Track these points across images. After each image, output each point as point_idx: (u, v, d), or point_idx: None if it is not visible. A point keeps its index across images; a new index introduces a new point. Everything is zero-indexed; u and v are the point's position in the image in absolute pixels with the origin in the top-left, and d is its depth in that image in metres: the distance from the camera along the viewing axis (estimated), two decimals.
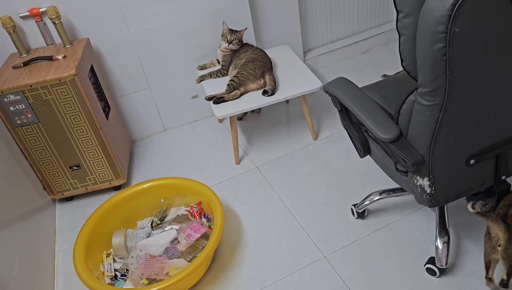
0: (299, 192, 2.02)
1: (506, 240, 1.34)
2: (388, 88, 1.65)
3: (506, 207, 1.40)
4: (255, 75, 2.09)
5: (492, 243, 1.39)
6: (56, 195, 2.13)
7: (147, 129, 2.54)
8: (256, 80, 2.10)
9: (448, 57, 1.05)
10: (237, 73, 2.11)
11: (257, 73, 2.09)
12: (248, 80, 2.09)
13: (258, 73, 2.10)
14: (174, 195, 1.94)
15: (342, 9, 2.77)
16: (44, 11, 1.97)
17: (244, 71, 2.10)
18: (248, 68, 2.10)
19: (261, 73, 2.11)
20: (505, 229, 1.33)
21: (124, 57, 2.26)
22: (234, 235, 1.87)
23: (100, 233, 1.82)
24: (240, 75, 2.09)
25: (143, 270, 1.62)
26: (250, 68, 2.11)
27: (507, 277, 1.42)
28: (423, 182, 1.31)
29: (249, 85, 2.10)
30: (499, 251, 1.36)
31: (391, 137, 1.28)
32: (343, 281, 1.62)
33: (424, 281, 1.56)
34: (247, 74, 2.09)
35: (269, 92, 2.05)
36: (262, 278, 1.68)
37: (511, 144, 1.32)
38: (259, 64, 2.13)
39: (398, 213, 1.83)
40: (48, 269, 1.82)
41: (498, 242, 1.36)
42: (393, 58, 2.87)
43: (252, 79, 2.09)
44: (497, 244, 1.37)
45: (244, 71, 2.10)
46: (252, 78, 2.09)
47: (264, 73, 2.12)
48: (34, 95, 1.81)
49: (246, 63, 2.14)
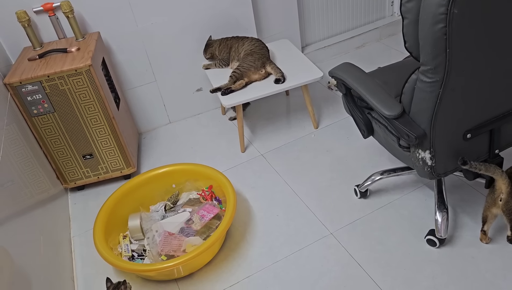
0: (304, 176, 2.12)
1: (508, 193, 1.47)
2: (389, 74, 1.78)
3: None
4: (256, 67, 2.20)
5: (494, 196, 1.52)
6: (69, 184, 2.20)
7: (153, 122, 2.63)
8: (257, 71, 2.21)
9: (448, 36, 1.16)
10: (239, 66, 2.22)
11: (257, 65, 2.20)
12: (249, 71, 2.19)
13: (258, 64, 2.20)
14: (185, 180, 2.03)
15: (337, 5, 2.90)
16: (58, 6, 2.06)
17: (245, 64, 2.21)
18: (248, 61, 2.21)
19: (261, 64, 2.21)
20: (508, 183, 1.47)
21: (132, 51, 2.35)
22: (244, 217, 1.97)
23: (116, 217, 1.90)
24: (241, 67, 2.20)
25: (162, 247, 1.70)
26: (250, 60, 2.21)
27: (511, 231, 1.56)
28: (425, 155, 1.42)
29: (251, 76, 2.21)
30: (500, 205, 1.50)
31: (395, 114, 1.39)
32: (349, 254, 1.72)
33: (425, 252, 1.68)
34: (247, 66, 2.19)
35: (282, 80, 2.17)
36: (273, 254, 1.78)
37: (504, 120, 1.45)
38: (258, 56, 2.23)
39: (398, 193, 1.94)
40: (66, 253, 1.89)
41: (500, 196, 1.50)
42: (387, 52, 3.01)
43: (253, 70, 2.20)
44: (498, 197, 1.51)
45: (245, 64, 2.21)
46: (253, 69, 2.20)
47: (264, 63, 2.23)
48: (51, 85, 1.89)
49: (246, 56, 2.24)
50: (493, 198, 1.54)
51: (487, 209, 1.59)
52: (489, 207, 1.58)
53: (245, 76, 2.20)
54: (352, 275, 1.64)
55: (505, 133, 1.50)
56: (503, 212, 1.52)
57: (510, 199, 1.48)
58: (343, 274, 1.65)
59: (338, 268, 1.68)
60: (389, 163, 2.10)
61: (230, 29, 2.47)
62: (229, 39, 2.37)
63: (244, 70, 2.19)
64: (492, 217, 1.60)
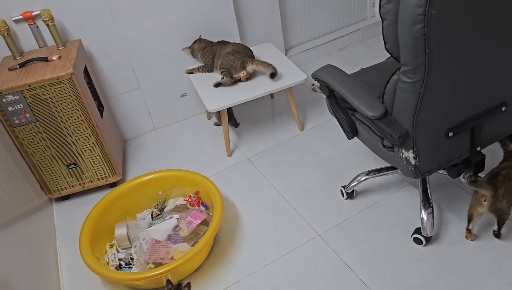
0: (290, 179, 2.13)
1: (493, 196, 1.52)
2: (372, 75, 1.79)
3: (501, 168, 1.58)
4: (235, 67, 2.19)
5: (477, 196, 1.57)
6: (53, 194, 2.17)
7: (138, 129, 2.61)
8: (237, 72, 2.20)
9: (426, 36, 1.18)
10: (221, 64, 2.22)
11: (237, 65, 2.19)
12: (231, 69, 2.19)
13: (238, 64, 2.19)
14: (172, 186, 2.02)
15: (319, 8, 2.92)
16: (38, 14, 2.03)
17: (225, 61, 2.20)
18: (228, 60, 2.20)
19: (241, 64, 2.20)
20: (491, 189, 1.51)
21: (114, 58, 2.33)
22: (231, 222, 1.96)
23: (102, 226, 1.88)
24: (223, 64, 2.20)
25: (150, 255, 1.69)
26: (230, 59, 2.20)
27: (498, 227, 1.59)
28: (408, 155, 1.44)
29: (236, 74, 2.21)
30: (485, 205, 1.54)
31: (378, 114, 1.40)
32: (337, 255, 1.73)
33: (412, 250, 1.69)
34: (228, 64, 2.19)
35: (275, 72, 2.18)
36: (262, 258, 1.78)
37: (484, 117, 1.47)
38: (238, 55, 2.22)
39: (384, 192, 1.96)
40: (52, 264, 1.86)
41: (484, 197, 1.53)
42: (369, 53, 3.04)
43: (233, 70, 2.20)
44: (482, 198, 1.55)
45: (225, 61, 2.21)
46: (233, 70, 2.19)
47: (244, 63, 2.20)
48: (33, 95, 1.86)
49: (227, 55, 2.24)
50: (477, 198, 1.57)
51: (472, 208, 1.61)
52: (474, 206, 1.60)
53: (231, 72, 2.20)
54: (341, 276, 1.65)
55: (486, 131, 1.53)
56: (490, 211, 1.55)
57: (495, 200, 1.51)
58: (332, 275, 1.66)
59: (327, 270, 1.68)
60: (375, 163, 2.12)
61: (214, 33, 2.47)
62: (214, 44, 2.36)
63: (227, 66, 2.19)
64: (477, 216, 1.62)
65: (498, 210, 1.54)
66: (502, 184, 1.53)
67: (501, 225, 1.60)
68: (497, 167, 1.61)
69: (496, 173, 1.57)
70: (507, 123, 1.56)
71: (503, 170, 1.57)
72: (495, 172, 1.58)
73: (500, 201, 1.52)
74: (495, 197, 1.51)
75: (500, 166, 1.61)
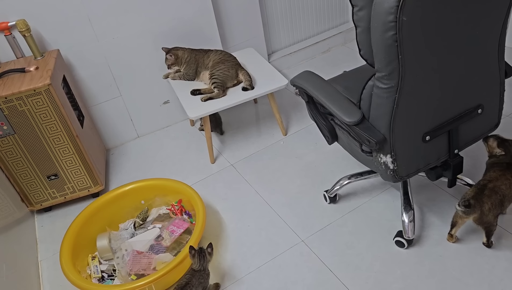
0: (274, 184, 2.12)
1: (479, 213, 1.51)
2: (350, 80, 1.80)
3: (487, 181, 1.56)
4: (231, 76, 2.21)
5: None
6: (35, 206, 2.14)
7: (121, 137, 2.59)
8: (232, 80, 2.21)
9: (399, 43, 1.19)
10: (213, 75, 2.20)
11: (232, 73, 2.21)
12: (226, 80, 2.19)
13: (233, 73, 2.21)
14: (154, 195, 2.01)
15: (301, 12, 2.93)
16: (13, 25, 2.01)
17: (220, 72, 2.20)
18: (222, 69, 2.20)
19: (235, 72, 2.22)
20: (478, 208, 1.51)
21: (94, 67, 2.31)
22: (215, 229, 1.95)
23: (84, 237, 1.85)
24: (218, 75, 2.19)
25: (131, 266, 1.67)
26: (223, 69, 2.21)
27: (487, 239, 1.60)
28: (386, 159, 1.44)
29: (227, 84, 2.21)
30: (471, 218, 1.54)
31: (355, 120, 1.41)
32: (321, 260, 1.73)
33: (394, 254, 1.70)
34: (224, 74, 2.19)
35: (249, 88, 2.18)
36: (245, 265, 1.77)
37: (461, 120, 1.48)
38: (230, 64, 2.23)
39: (366, 196, 1.96)
40: (33, 278, 1.84)
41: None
42: (352, 56, 3.05)
43: (230, 79, 2.20)
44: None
45: (219, 71, 2.20)
46: (229, 78, 2.21)
47: (237, 70, 2.24)
48: (10, 107, 1.84)
49: (217, 64, 2.23)
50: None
51: (457, 216, 1.60)
52: (461, 216, 1.58)
53: (225, 84, 2.20)
54: (324, 282, 1.65)
55: (463, 133, 1.54)
56: (476, 224, 1.56)
57: (483, 215, 1.51)
58: (315, 281, 1.66)
59: (310, 275, 1.68)
60: (358, 167, 2.13)
61: (194, 39, 2.46)
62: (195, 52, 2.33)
63: (222, 78, 2.19)
64: (462, 223, 1.62)
65: (485, 223, 1.55)
66: (489, 198, 1.51)
67: (490, 236, 1.60)
68: (483, 180, 1.58)
69: (483, 187, 1.54)
70: (483, 125, 1.57)
71: (490, 183, 1.55)
72: (481, 185, 1.55)
73: (486, 216, 1.52)
74: (482, 212, 1.51)
75: (486, 179, 1.57)
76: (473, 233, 1.70)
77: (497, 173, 1.57)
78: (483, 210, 1.51)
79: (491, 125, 1.59)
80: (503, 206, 1.54)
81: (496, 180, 1.55)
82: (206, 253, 1.59)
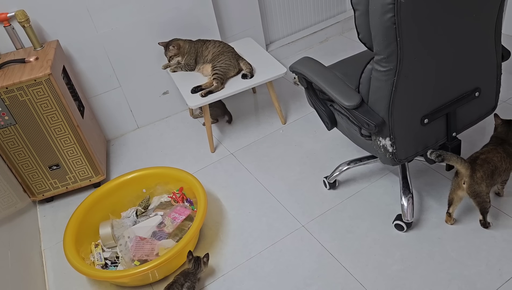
0: (274, 172, 2.14)
1: (469, 176, 1.54)
2: (349, 66, 1.81)
3: (480, 153, 1.61)
4: (234, 65, 2.23)
5: (457, 180, 1.59)
6: (37, 196, 2.16)
7: (121, 128, 2.60)
8: (235, 69, 2.23)
9: (397, 25, 1.20)
10: (215, 67, 2.21)
11: (234, 63, 2.23)
12: (229, 70, 2.21)
13: (235, 62, 2.23)
14: (156, 184, 2.02)
15: (299, 2, 2.94)
16: (13, 16, 2.01)
17: (222, 63, 2.21)
18: (223, 60, 2.22)
19: (236, 61, 2.24)
20: (467, 166, 1.53)
21: (93, 58, 2.32)
22: (216, 216, 1.97)
23: (87, 226, 1.87)
24: (220, 67, 2.20)
25: (135, 252, 1.69)
26: (225, 59, 2.22)
27: (482, 216, 1.62)
28: (385, 142, 1.46)
29: (229, 74, 2.23)
30: (464, 188, 1.56)
31: (354, 104, 1.43)
32: (321, 245, 1.75)
33: (394, 237, 1.72)
34: (225, 65, 2.20)
35: (249, 75, 2.20)
36: (247, 250, 1.79)
37: (458, 103, 1.50)
38: (230, 54, 2.25)
39: (365, 181, 1.99)
40: (37, 266, 1.86)
41: (463, 179, 1.56)
42: (349, 45, 3.06)
43: (232, 69, 2.22)
44: (462, 180, 1.57)
45: (221, 63, 2.21)
46: (232, 68, 2.22)
47: (237, 60, 2.26)
48: (10, 97, 1.85)
49: (218, 56, 2.25)
50: (457, 181, 1.60)
51: (453, 192, 1.64)
52: (455, 190, 1.63)
53: (227, 75, 2.21)
54: (325, 265, 1.67)
55: (461, 116, 1.56)
56: (469, 195, 1.58)
57: (473, 182, 1.54)
58: (316, 264, 1.68)
59: (311, 259, 1.70)
60: (357, 153, 2.15)
61: (193, 29, 2.47)
62: (194, 43, 2.35)
63: (224, 70, 2.20)
64: (458, 200, 1.65)
65: (477, 194, 1.57)
66: (481, 167, 1.55)
67: (484, 214, 1.63)
68: (477, 152, 1.63)
69: (475, 158, 1.59)
70: (481, 108, 1.59)
71: (482, 154, 1.60)
72: (474, 156, 1.61)
73: (478, 184, 1.55)
74: (473, 178, 1.54)
75: (479, 151, 1.63)
76: (471, 214, 1.73)
77: (490, 147, 1.63)
78: (475, 176, 1.53)
79: (488, 108, 1.62)
80: (493, 178, 1.57)
81: (488, 152, 1.60)
82: (202, 262, 1.64)
